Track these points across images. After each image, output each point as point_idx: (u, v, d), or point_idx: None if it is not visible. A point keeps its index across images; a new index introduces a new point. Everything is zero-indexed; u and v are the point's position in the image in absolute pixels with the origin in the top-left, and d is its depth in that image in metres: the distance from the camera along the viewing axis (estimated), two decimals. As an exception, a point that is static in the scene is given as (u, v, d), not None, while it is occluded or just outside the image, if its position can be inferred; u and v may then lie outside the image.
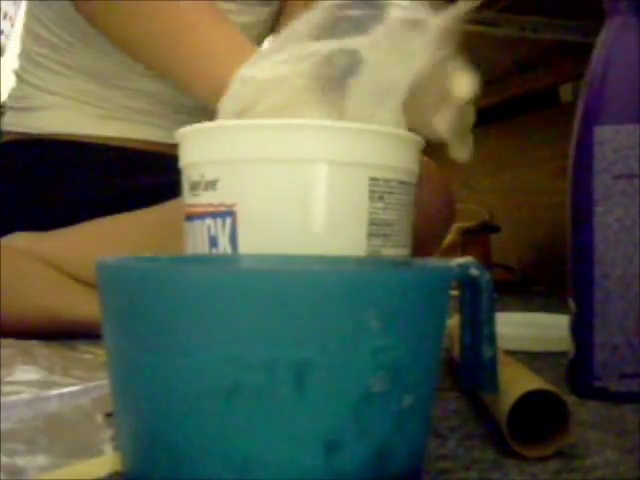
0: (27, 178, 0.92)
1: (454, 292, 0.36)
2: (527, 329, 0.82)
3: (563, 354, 0.59)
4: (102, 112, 0.93)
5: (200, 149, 0.50)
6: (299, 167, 0.48)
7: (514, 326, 0.81)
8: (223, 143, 0.49)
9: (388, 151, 0.49)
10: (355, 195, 0.48)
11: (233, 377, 0.30)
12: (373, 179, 0.48)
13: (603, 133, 0.53)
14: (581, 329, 0.55)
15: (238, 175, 0.48)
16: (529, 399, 0.42)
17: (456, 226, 1.57)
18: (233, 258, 0.46)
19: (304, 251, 0.47)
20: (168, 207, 0.84)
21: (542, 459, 0.40)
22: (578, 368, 0.55)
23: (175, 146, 0.54)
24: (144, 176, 0.92)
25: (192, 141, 0.51)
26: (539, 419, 0.43)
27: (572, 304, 0.56)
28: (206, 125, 0.51)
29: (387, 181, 0.49)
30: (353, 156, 0.48)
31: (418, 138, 0.51)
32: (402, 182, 0.50)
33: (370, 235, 0.48)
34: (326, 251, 0.47)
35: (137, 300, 0.32)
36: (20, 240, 0.86)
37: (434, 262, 0.42)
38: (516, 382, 0.43)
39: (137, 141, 0.95)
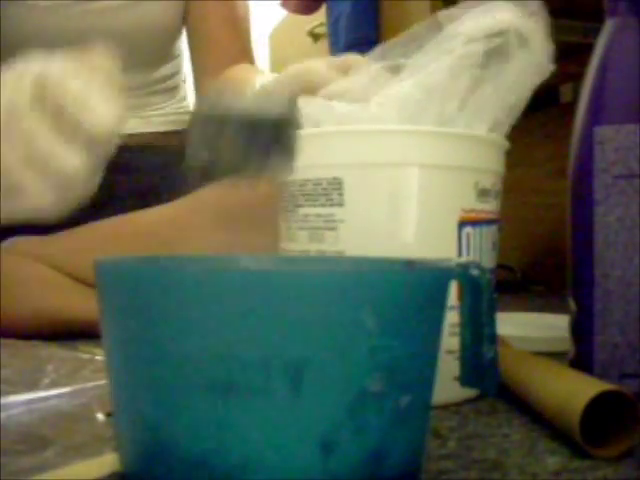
0: None
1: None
2: (527, 329, 0.82)
3: (563, 354, 0.59)
4: None
5: (497, 159, 0.55)
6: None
7: (514, 326, 0.81)
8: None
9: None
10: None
11: (229, 376, 0.30)
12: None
13: (603, 133, 0.53)
14: (581, 329, 0.55)
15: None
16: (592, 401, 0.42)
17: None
18: (232, 259, 0.46)
19: None
20: (167, 208, 0.84)
21: (542, 459, 0.40)
22: (578, 368, 0.55)
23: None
24: (131, 174, 0.92)
25: (492, 149, 0.55)
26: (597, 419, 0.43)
27: (572, 304, 0.56)
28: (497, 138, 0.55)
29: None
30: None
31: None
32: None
33: None
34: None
35: (134, 300, 0.32)
36: (21, 243, 0.86)
37: (434, 262, 0.42)
38: (578, 383, 0.43)
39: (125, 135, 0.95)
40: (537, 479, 0.38)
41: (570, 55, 1.37)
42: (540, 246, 1.66)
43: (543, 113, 1.65)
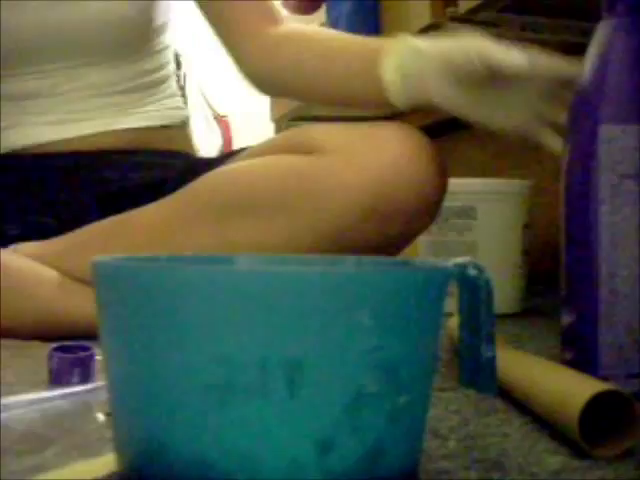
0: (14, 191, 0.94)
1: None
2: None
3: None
4: (52, 119, 0.95)
5: None
6: None
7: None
8: None
9: None
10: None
11: (226, 376, 0.30)
12: None
13: (609, 132, 0.53)
14: (582, 331, 0.54)
15: None
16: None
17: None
18: (229, 258, 0.46)
19: None
20: (162, 203, 0.84)
21: (542, 459, 0.40)
22: (584, 368, 0.55)
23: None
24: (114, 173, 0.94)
25: None
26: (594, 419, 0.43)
27: (566, 307, 0.55)
28: None
29: None
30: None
31: None
32: None
33: None
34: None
35: (131, 299, 0.32)
36: (24, 247, 0.86)
37: (432, 262, 0.42)
38: (577, 382, 0.43)
39: (97, 136, 0.96)
40: (537, 479, 0.38)
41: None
42: (540, 246, 1.66)
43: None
